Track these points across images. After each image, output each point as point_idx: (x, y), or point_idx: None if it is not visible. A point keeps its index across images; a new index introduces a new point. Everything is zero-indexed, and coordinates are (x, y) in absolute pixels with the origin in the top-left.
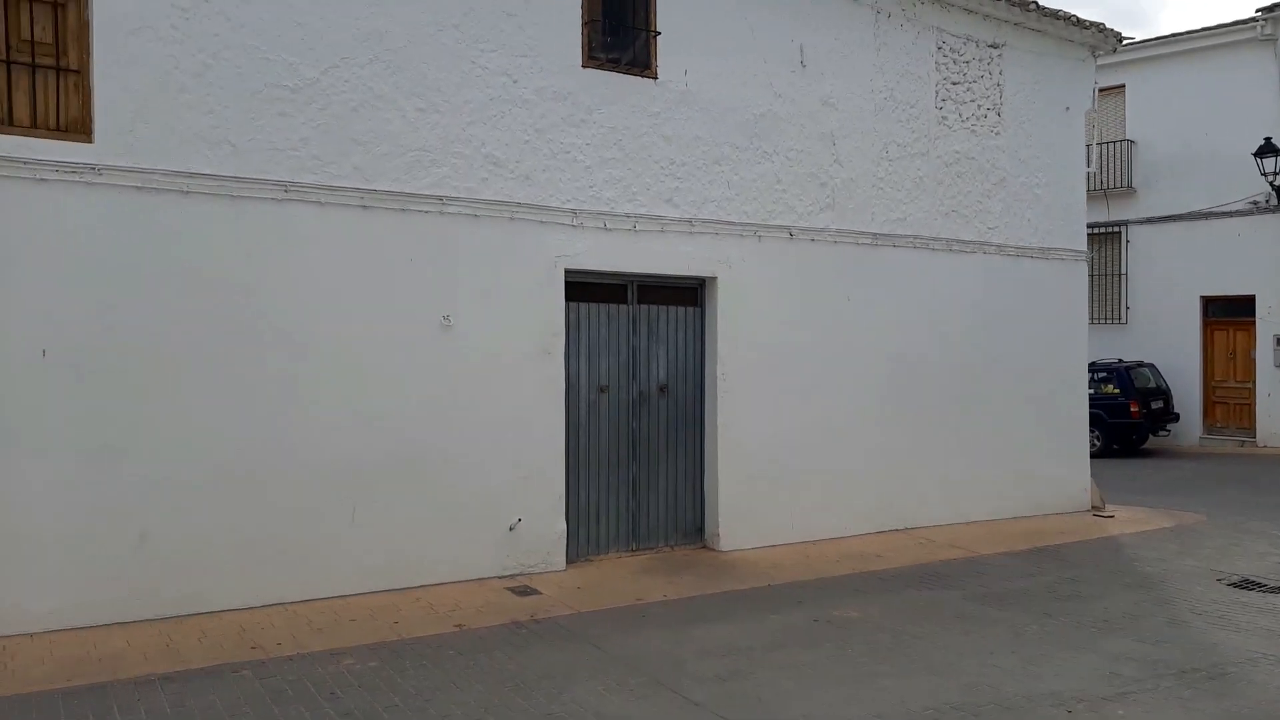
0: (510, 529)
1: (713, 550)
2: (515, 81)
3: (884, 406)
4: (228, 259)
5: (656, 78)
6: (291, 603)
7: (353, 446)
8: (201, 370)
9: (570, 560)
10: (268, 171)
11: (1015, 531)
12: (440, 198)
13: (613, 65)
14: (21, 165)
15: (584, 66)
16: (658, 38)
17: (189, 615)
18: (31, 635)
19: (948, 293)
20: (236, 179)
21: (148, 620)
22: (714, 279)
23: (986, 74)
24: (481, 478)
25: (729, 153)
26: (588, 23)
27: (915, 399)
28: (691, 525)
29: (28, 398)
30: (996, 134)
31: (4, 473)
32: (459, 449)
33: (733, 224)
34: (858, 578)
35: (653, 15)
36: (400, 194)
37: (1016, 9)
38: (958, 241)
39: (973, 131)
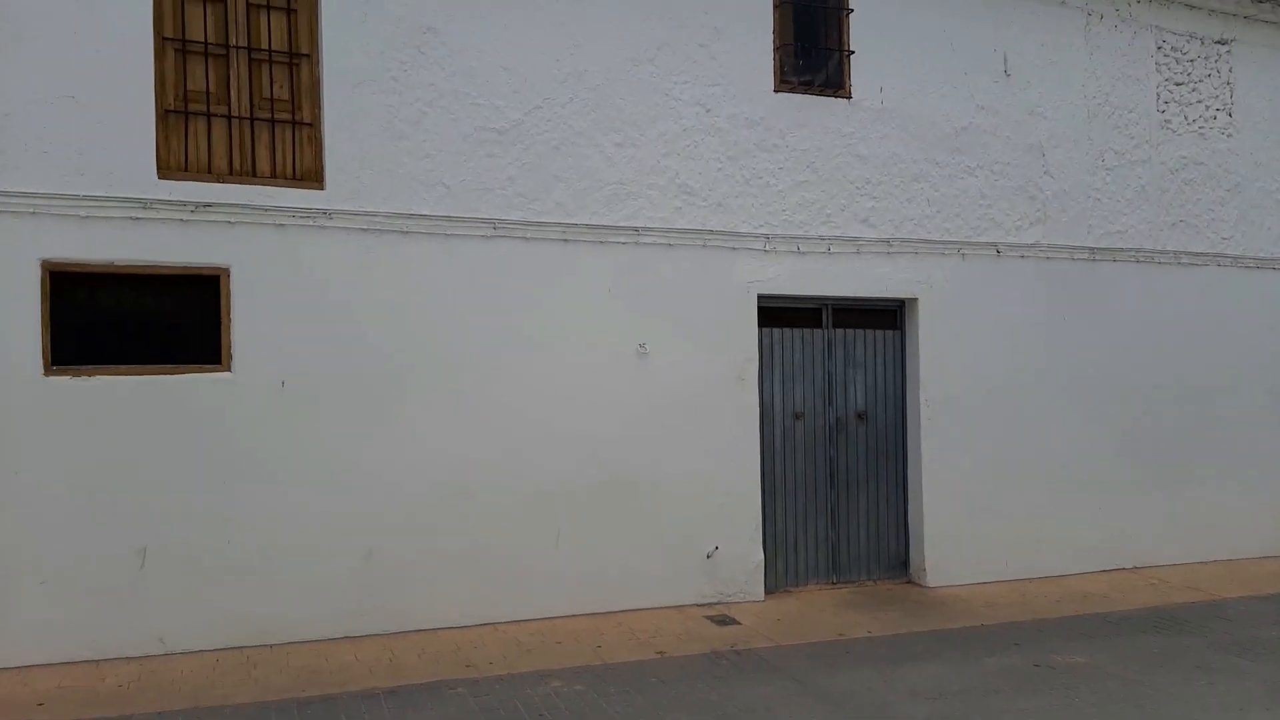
0: (707, 556)
1: (919, 585)
2: (708, 111)
3: (1106, 434)
4: (443, 294)
5: (850, 97)
6: (501, 623)
7: (556, 472)
8: (418, 398)
9: (768, 591)
10: (477, 210)
11: (1262, 573)
12: (636, 229)
13: (805, 88)
14: (263, 213)
15: (776, 91)
16: (851, 57)
17: (409, 632)
18: (271, 646)
19: (1176, 310)
20: (449, 218)
21: (372, 635)
22: (914, 300)
23: (1214, 72)
24: (678, 504)
25: (929, 169)
26: (779, 47)
27: (1141, 425)
28: (895, 558)
29: (269, 424)
30: (1228, 136)
31: (249, 495)
32: (656, 475)
33: (934, 242)
34: (1082, 620)
35: (846, 35)
36: (598, 226)
37: (1247, 1)
38: (1187, 254)
39: (1200, 135)
